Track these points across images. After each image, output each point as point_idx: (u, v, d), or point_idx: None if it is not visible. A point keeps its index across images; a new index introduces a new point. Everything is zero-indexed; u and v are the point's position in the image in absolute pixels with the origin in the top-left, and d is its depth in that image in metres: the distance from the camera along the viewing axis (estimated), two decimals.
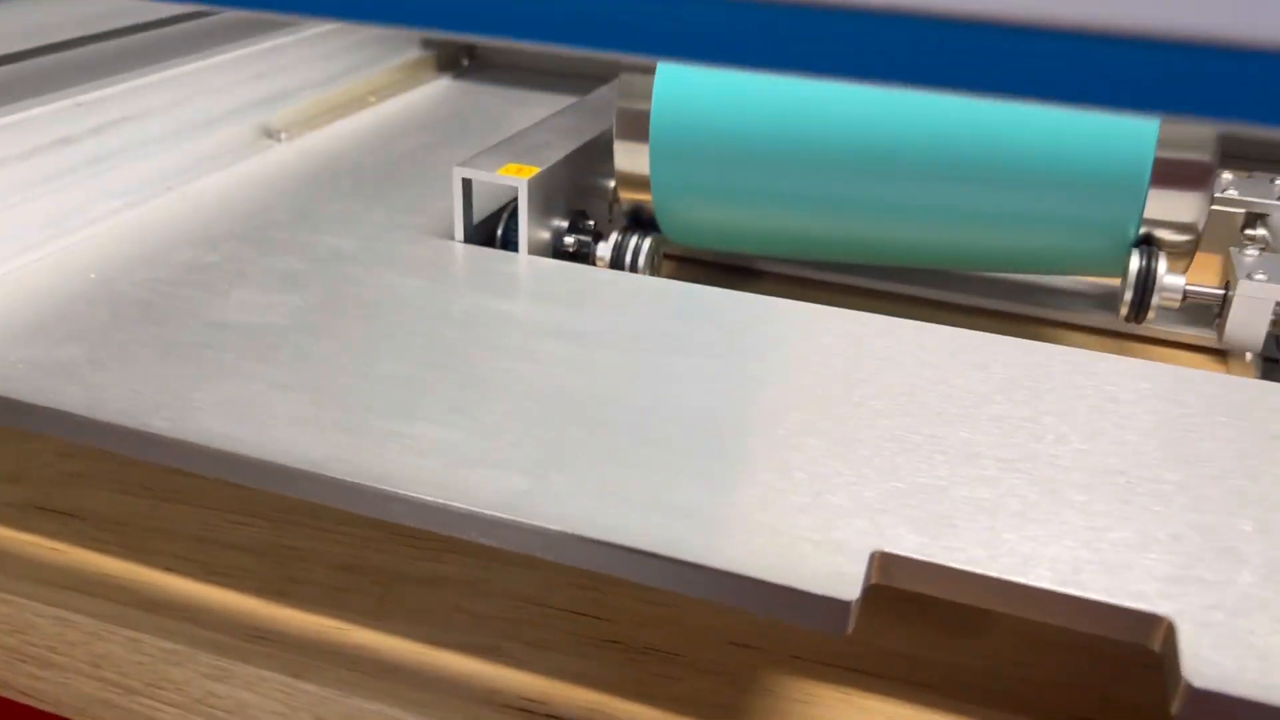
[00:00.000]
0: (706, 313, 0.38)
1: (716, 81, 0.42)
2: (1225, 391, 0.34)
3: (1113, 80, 0.19)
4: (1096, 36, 0.19)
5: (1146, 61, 0.19)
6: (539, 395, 0.33)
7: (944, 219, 0.41)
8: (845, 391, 0.34)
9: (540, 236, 0.44)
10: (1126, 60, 0.19)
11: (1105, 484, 0.29)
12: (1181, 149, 0.37)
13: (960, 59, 0.19)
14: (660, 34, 0.21)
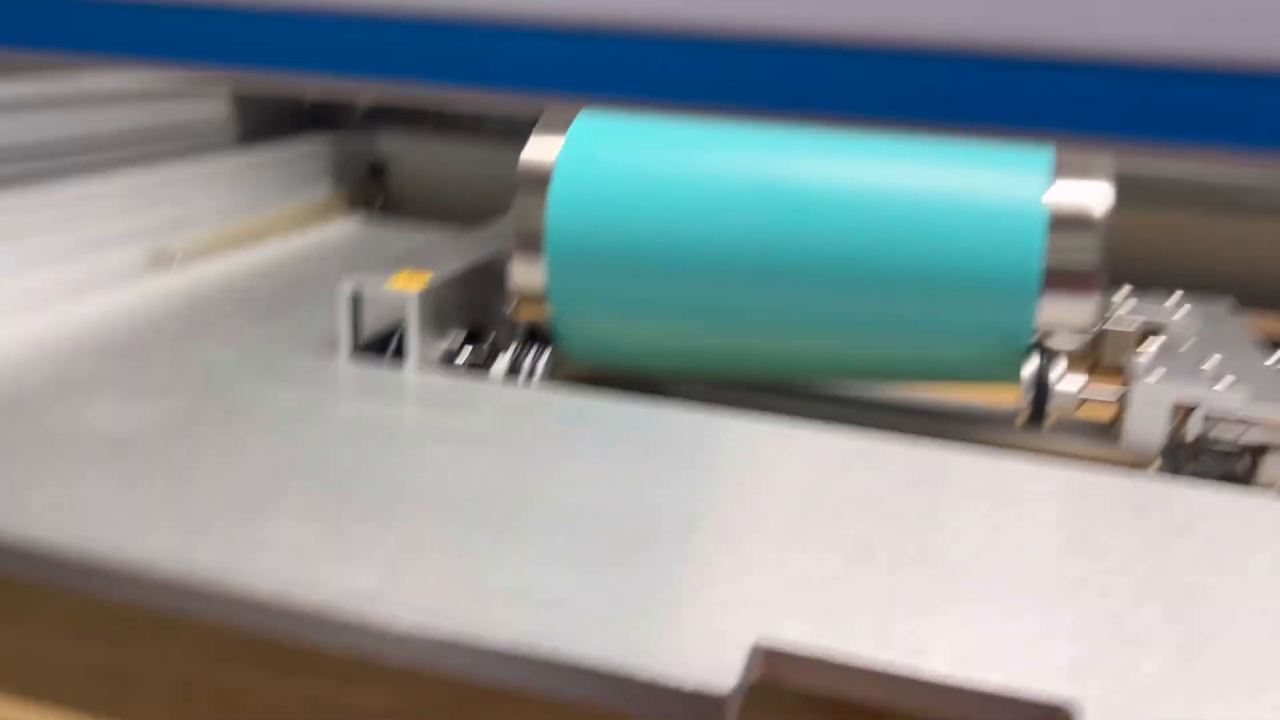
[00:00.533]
0: (594, 419, 0.37)
1: (610, 199, 0.41)
2: (1128, 490, 0.33)
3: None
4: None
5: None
6: (403, 495, 0.30)
7: (838, 331, 0.40)
8: (736, 490, 0.32)
9: (432, 352, 0.42)
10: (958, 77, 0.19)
11: (1004, 577, 0.27)
12: (1068, 255, 0.37)
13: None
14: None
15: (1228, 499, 0.33)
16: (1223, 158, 0.19)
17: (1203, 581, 0.28)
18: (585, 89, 0.20)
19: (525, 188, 0.42)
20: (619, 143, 0.43)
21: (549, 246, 0.42)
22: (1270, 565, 0.29)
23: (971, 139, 0.19)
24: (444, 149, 0.73)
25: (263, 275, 0.54)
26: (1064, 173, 0.38)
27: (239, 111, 0.66)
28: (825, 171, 0.40)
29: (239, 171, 0.61)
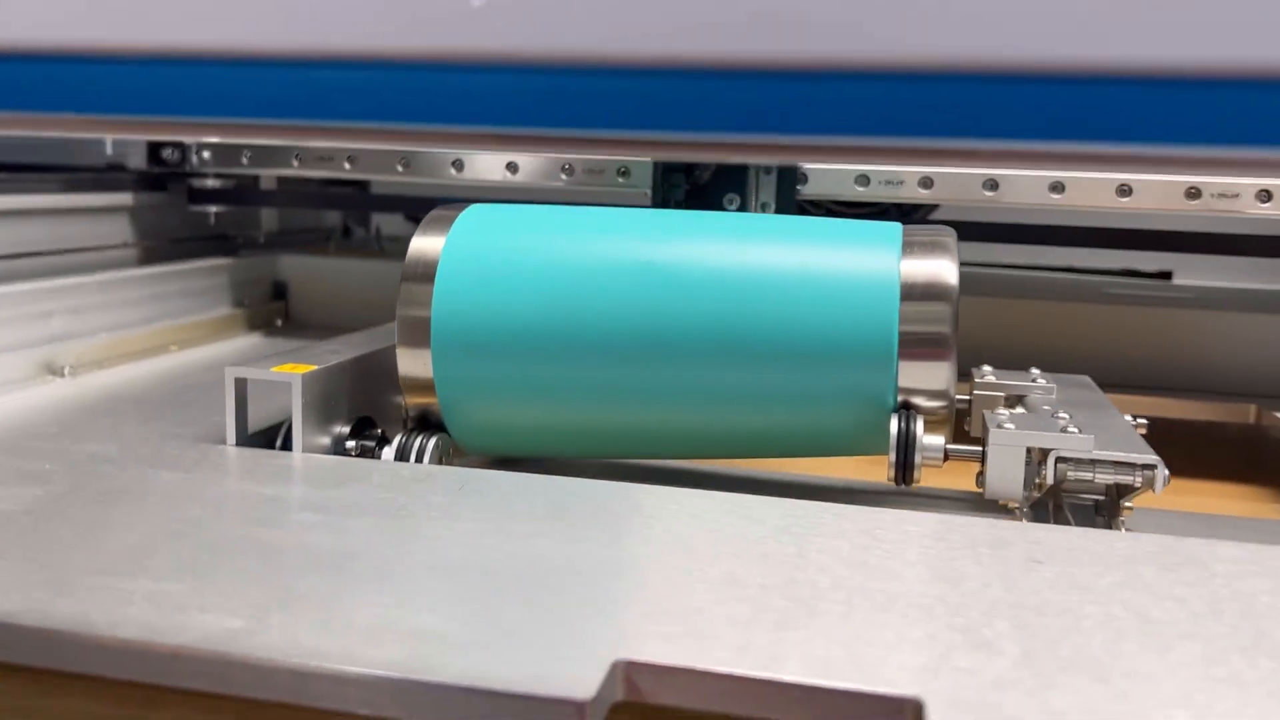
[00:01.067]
0: (478, 488, 0.37)
1: (493, 286, 0.43)
2: (990, 530, 0.34)
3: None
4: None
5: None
6: (276, 553, 0.30)
7: (718, 405, 0.42)
8: (613, 539, 0.32)
9: (319, 441, 0.43)
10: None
11: (864, 600, 0.28)
12: (922, 323, 0.40)
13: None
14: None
15: (1084, 536, 0.34)
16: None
17: (1051, 600, 0.29)
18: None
19: (411, 277, 0.44)
20: (502, 232, 0.45)
21: (434, 333, 0.43)
22: (1117, 583, 0.30)
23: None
24: (344, 269, 0.74)
25: (157, 383, 0.54)
26: (914, 249, 0.41)
27: (141, 230, 0.67)
28: (695, 253, 0.42)
29: (138, 287, 0.61)
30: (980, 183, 0.55)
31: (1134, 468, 0.37)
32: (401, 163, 0.61)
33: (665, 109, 0.21)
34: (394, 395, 0.47)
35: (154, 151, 0.65)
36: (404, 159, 0.61)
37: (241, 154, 0.65)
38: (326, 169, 0.63)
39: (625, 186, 0.58)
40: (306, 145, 0.53)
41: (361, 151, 0.63)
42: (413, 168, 0.61)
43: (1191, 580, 0.30)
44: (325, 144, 0.57)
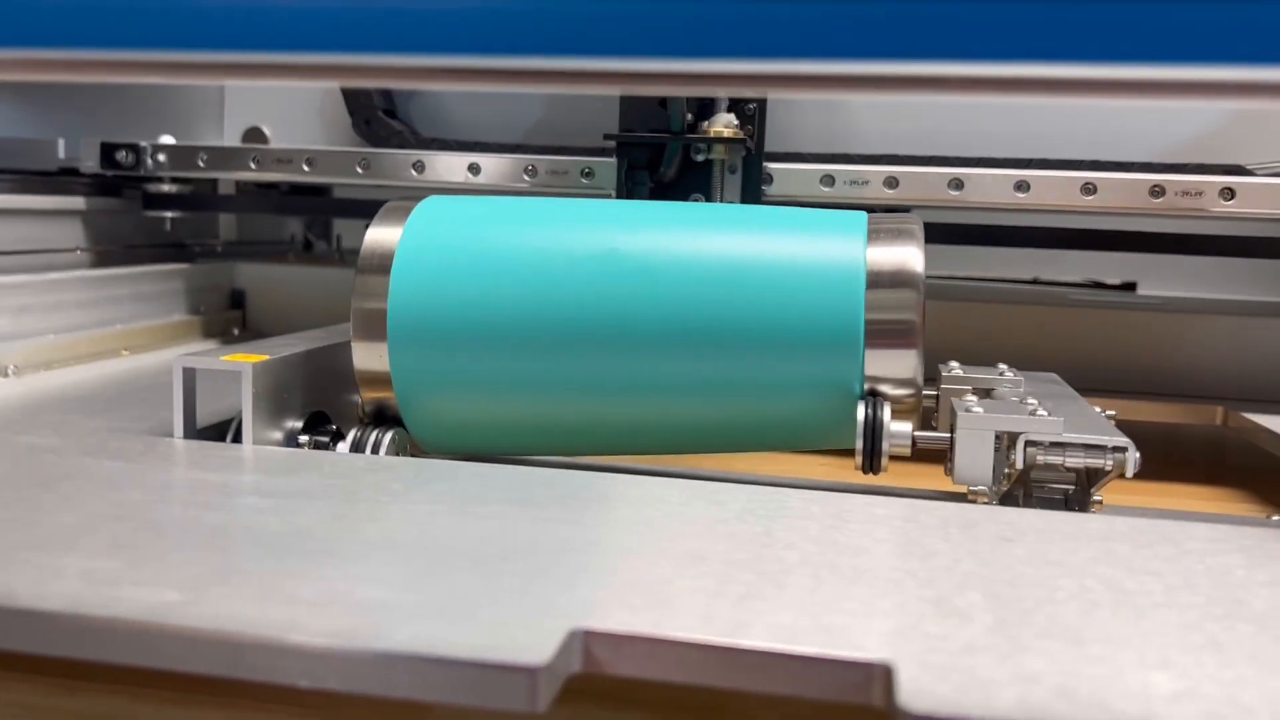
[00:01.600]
0: (434, 477, 0.36)
1: (450, 277, 0.42)
2: (959, 513, 0.34)
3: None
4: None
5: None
6: (219, 534, 0.29)
7: (681, 397, 0.41)
8: (573, 520, 0.31)
9: (271, 435, 0.41)
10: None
11: (832, 574, 0.27)
12: (888, 310, 0.39)
13: None
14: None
15: (1055, 517, 0.33)
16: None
17: (1024, 574, 0.28)
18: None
19: (367, 268, 0.43)
20: (461, 221, 0.44)
21: (390, 325, 0.42)
22: (1091, 559, 0.29)
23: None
24: (303, 277, 0.73)
25: (106, 384, 0.53)
26: (880, 236, 0.40)
27: (93, 235, 0.65)
28: (659, 241, 0.41)
29: (88, 289, 0.60)
30: (945, 181, 0.55)
31: (1105, 450, 0.36)
32: (361, 164, 0.60)
33: (642, 30, 0.21)
34: (350, 392, 0.46)
35: (108, 154, 0.64)
36: (364, 160, 0.60)
37: (198, 156, 0.63)
38: (285, 171, 0.62)
39: (589, 187, 0.57)
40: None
41: (320, 153, 0.61)
42: (373, 169, 0.60)
43: (1166, 556, 0.30)
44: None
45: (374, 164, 0.61)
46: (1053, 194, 0.54)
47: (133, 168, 0.64)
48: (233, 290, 0.73)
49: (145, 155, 0.64)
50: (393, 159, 0.61)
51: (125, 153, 0.64)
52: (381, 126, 0.61)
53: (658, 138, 0.53)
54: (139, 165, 0.64)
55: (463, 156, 0.59)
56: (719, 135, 0.52)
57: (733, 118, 0.53)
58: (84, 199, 0.65)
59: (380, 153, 0.61)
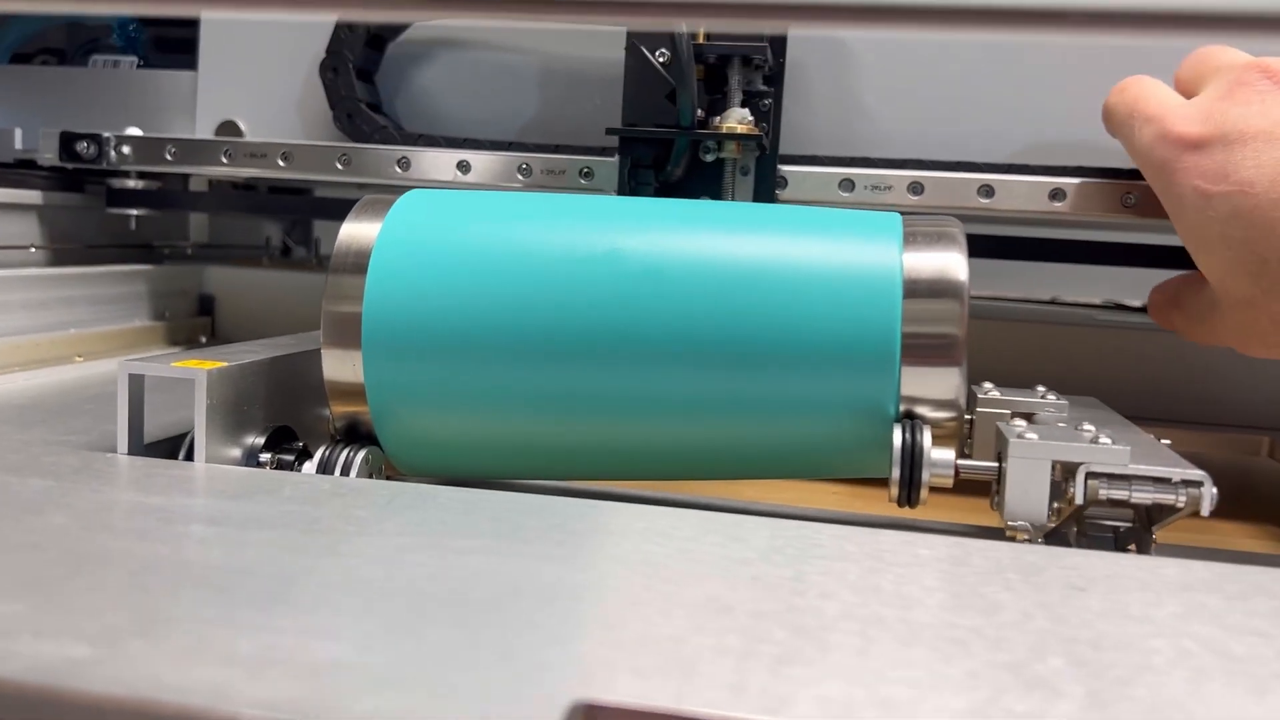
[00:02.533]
0: (410, 503, 0.32)
1: (435, 279, 0.38)
2: (1014, 555, 0.29)
3: None
4: None
5: None
6: (149, 569, 0.25)
7: (688, 418, 0.36)
8: (567, 557, 0.27)
9: (228, 452, 0.37)
10: None
11: (882, 631, 0.23)
12: (927, 323, 0.35)
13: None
14: None
15: (1122, 561, 0.29)
16: None
17: (1107, 633, 0.24)
18: None
19: (341, 267, 0.38)
20: (446, 218, 0.39)
21: (365, 331, 0.37)
22: (1178, 614, 0.25)
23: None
24: (278, 282, 0.69)
25: (51, 392, 0.48)
26: (918, 240, 0.36)
27: (51, 233, 0.61)
28: (668, 243, 0.37)
29: (38, 288, 0.55)
30: (975, 188, 0.51)
31: (1175, 485, 0.32)
32: (341, 160, 0.56)
33: None
34: (320, 406, 0.41)
35: (67, 145, 0.59)
36: (344, 156, 0.56)
37: (165, 149, 0.59)
38: (259, 166, 0.57)
39: (588, 188, 0.53)
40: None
41: (297, 148, 0.57)
42: (354, 165, 0.56)
43: (1267, 612, 0.25)
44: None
45: (355, 160, 0.56)
46: (1090, 203, 0.50)
47: (94, 160, 0.60)
48: (201, 295, 0.68)
49: (108, 147, 0.60)
50: (376, 155, 0.56)
51: (87, 144, 0.60)
52: (365, 121, 0.57)
53: (665, 133, 0.48)
54: (101, 158, 0.60)
55: (451, 153, 0.55)
56: (732, 131, 0.48)
57: (747, 113, 0.49)
58: (41, 193, 0.60)
59: (362, 148, 0.56)
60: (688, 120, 0.48)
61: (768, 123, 0.50)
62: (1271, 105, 0.40)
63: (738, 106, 0.48)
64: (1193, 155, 0.41)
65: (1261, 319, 0.41)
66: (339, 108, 0.57)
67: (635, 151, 0.49)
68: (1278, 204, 0.38)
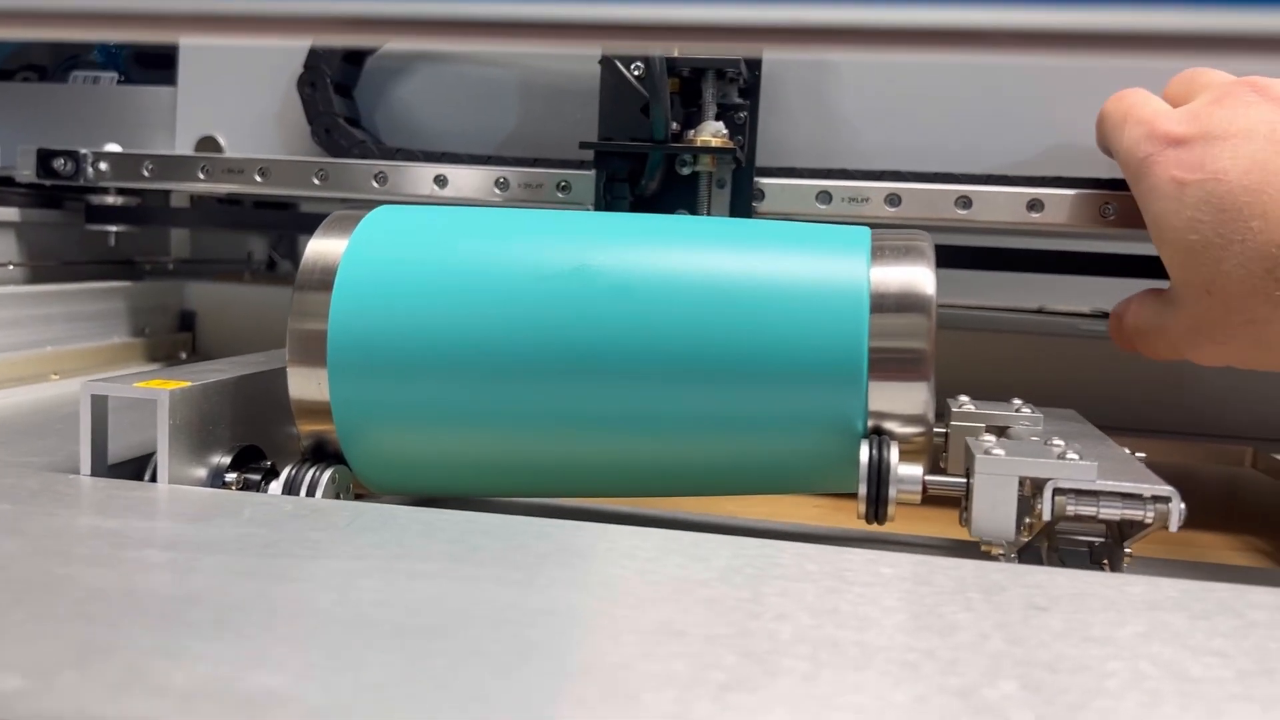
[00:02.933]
0: (371, 524, 0.31)
1: (401, 295, 0.37)
2: (978, 573, 0.29)
3: None
4: None
5: None
6: (94, 597, 0.24)
7: (655, 432, 0.36)
8: (521, 581, 0.26)
9: (193, 472, 0.37)
10: None
11: (834, 655, 0.23)
12: (895, 337, 0.34)
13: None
14: None
15: (1089, 579, 0.29)
16: None
17: (1064, 654, 0.23)
18: None
19: (306, 284, 0.38)
20: (414, 234, 0.39)
21: (331, 348, 0.37)
22: (1141, 634, 0.25)
23: None
24: (260, 298, 0.68)
25: (23, 411, 0.48)
26: (885, 254, 0.36)
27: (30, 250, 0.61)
28: (635, 258, 0.37)
29: (12, 306, 0.55)
30: (953, 199, 0.50)
31: (1144, 500, 0.32)
32: (318, 175, 0.56)
33: None
34: (290, 424, 0.41)
35: (44, 162, 0.59)
36: (321, 171, 0.56)
37: (143, 165, 0.58)
38: (237, 182, 0.57)
39: (566, 201, 0.52)
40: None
41: (274, 163, 0.57)
42: (331, 180, 0.55)
43: (1230, 631, 0.25)
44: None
45: (332, 175, 0.56)
46: (1069, 214, 0.50)
47: (72, 176, 0.59)
48: (182, 311, 0.68)
49: (86, 164, 0.59)
50: (353, 170, 0.56)
51: (64, 161, 0.59)
52: (343, 135, 0.57)
53: (638, 147, 0.48)
54: (79, 174, 0.59)
55: (429, 168, 0.55)
56: (706, 145, 0.48)
57: (721, 126, 0.48)
58: (19, 210, 0.60)
59: (339, 163, 0.56)
60: (661, 134, 0.48)
61: (743, 135, 0.50)
62: (1255, 111, 0.41)
63: (712, 120, 0.48)
64: (1174, 150, 0.42)
65: (1216, 308, 0.41)
66: (317, 123, 0.57)
67: (610, 165, 0.49)
68: (1248, 189, 0.39)
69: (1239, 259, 0.39)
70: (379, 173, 0.56)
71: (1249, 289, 0.39)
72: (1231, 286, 0.40)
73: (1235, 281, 0.39)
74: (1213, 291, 0.40)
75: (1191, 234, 0.41)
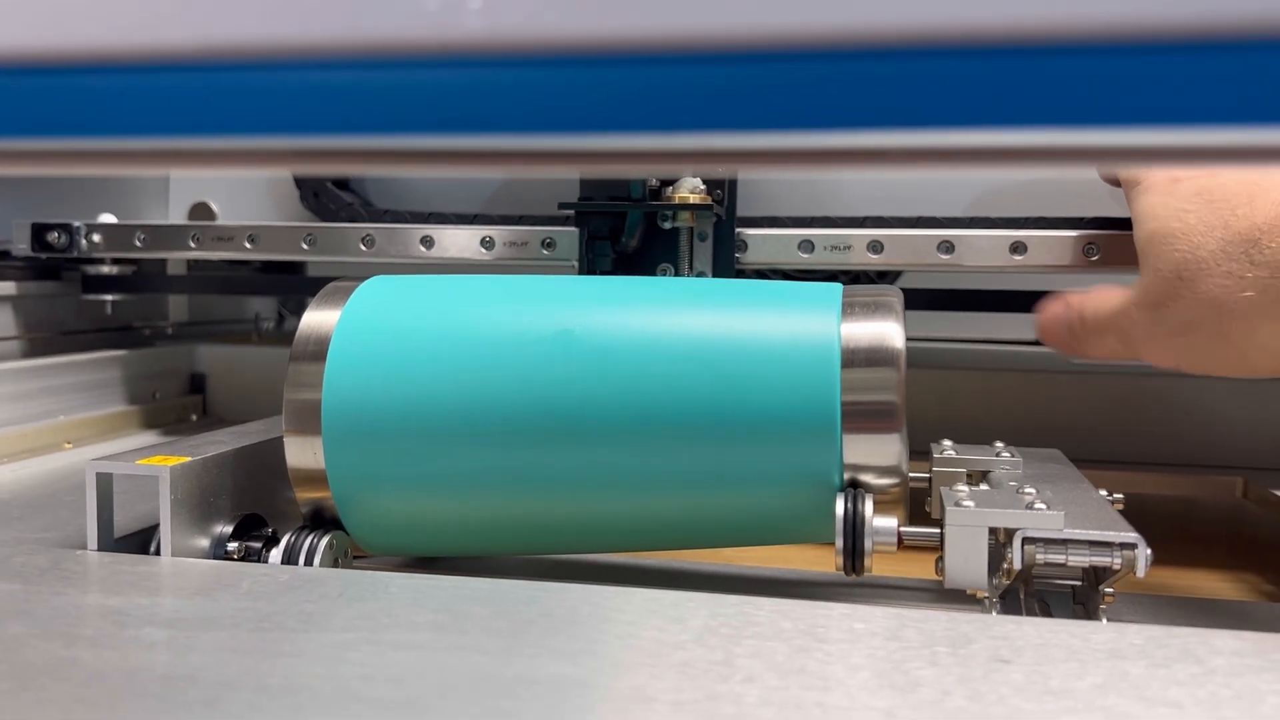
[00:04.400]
0: (366, 593, 0.32)
1: (391, 364, 0.39)
2: (950, 625, 0.30)
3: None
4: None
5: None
6: (92, 680, 0.26)
7: (643, 489, 0.37)
8: (503, 649, 0.28)
9: (196, 543, 0.38)
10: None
11: (797, 717, 0.24)
12: (866, 391, 0.36)
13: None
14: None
15: (1058, 629, 0.30)
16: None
17: (1020, 709, 0.24)
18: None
19: (301, 355, 0.39)
20: (404, 303, 0.40)
21: (325, 418, 0.38)
22: (1098, 685, 0.26)
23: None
24: (269, 359, 0.70)
25: (36, 484, 0.49)
26: (855, 310, 0.37)
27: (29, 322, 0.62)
28: (615, 321, 0.38)
29: (22, 380, 0.56)
30: (935, 244, 0.51)
31: (1111, 547, 0.32)
32: (306, 240, 0.57)
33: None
34: (289, 490, 0.42)
35: (39, 235, 0.61)
36: (309, 235, 0.57)
37: (135, 235, 0.60)
38: (227, 249, 0.58)
39: (551, 259, 0.54)
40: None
41: (263, 229, 0.58)
42: (319, 245, 0.57)
43: (1187, 679, 0.26)
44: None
45: (320, 239, 0.57)
46: (1052, 255, 0.51)
47: (66, 249, 0.61)
48: (192, 374, 0.70)
49: (79, 235, 0.61)
50: (341, 234, 0.57)
51: (58, 234, 0.61)
52: (331, 199, 0.58)
53: (614, 206, 0.50)
54: (73, 246, 0.61)
55: (415, 229, 0.56)
56: (684, 201, 0.49)
57: (699, 182, 0.50)
58: (16, 284, 0.62)
59: (326, 227, 0.57)
60: (638, 193, 0.49)
61: (722, 189, 0.51)
62: None
63: (689, 176, 0.50)
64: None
65: (1184, 294, 0.40)
66: (305, 186, 0.59)
67: (592, 223, 0.50)
68: (1239, 182, 0.39)
69: (1220, 243, 0.39)
70: (365, 235, 0.57)
71: (1223, 272, 0.39)
72: (1206, 269, 0.39)
73: (1210, 266, 0.39)
74: (1184, 277, 0.40)
75: (1175, 221, 0.40)
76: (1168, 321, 0.41)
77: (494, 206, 0.60)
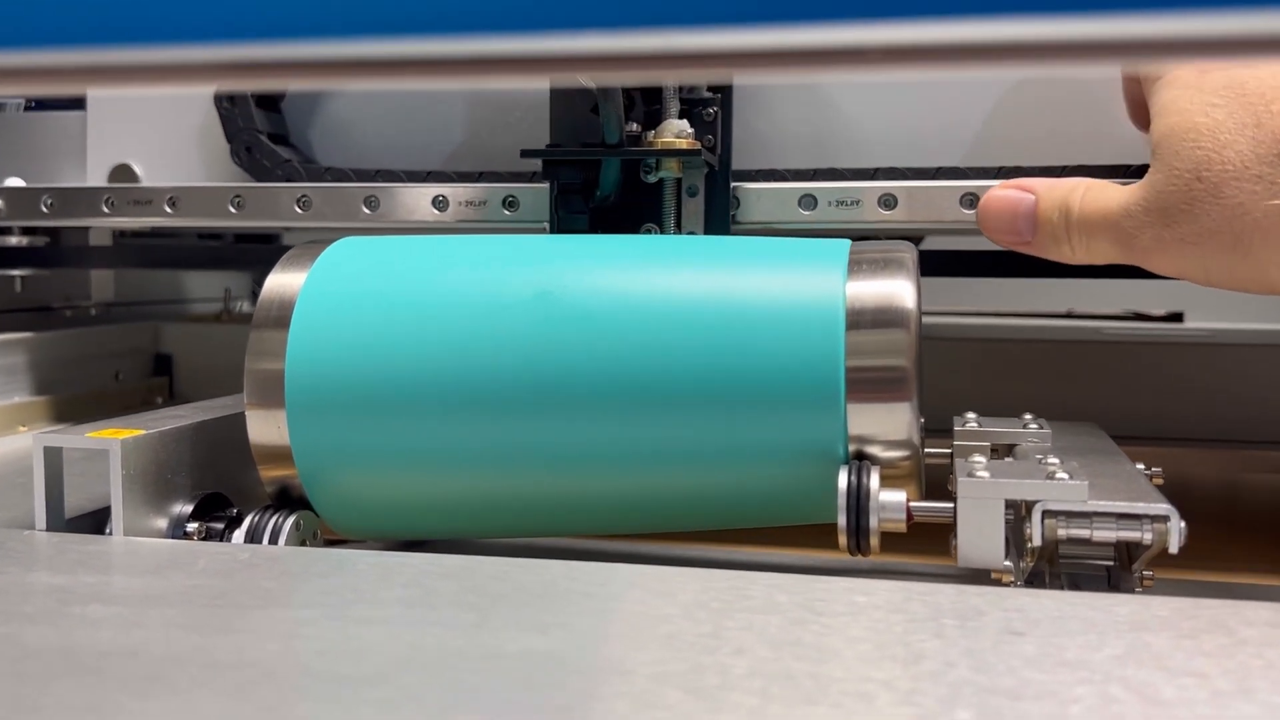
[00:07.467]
0: (321, 573, 0.32)
1: (360, 332, 0.38)
2: (956, 599, 0.30)
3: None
4: None
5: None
6: (29, 656, 0.26)
7: (626, 465, 0.37)
8: (473, 624, 0.28)
9: (152, 523, 0.38)
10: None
11: (785, 689, 0.24)
12: (874, 355, 0.35)
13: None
14: None
15: (1077, 601, 0.30)
16: None
17: (1031, 681, 0.24)
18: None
19: (263, 322, 0.39)
20: (374, 266, 0.40)
21: (289, 389, 0.38)
22: (1117, 656, 0.25)
23: None
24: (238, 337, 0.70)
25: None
26: (863, 268, 0.37)
27: None
28: (602, 282, 0.38)
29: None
30: (958, 197, 0.50)
31: (1140, 520, 0.32)
32: (234, 202, 0.54)
33: None
34: (255, 468, 0.43)
35: None
36: (237, 197, 0.54)
37: (41, 200, 0.56)
38: (145, 214, 0.55)
39: (514, 220, 0.51)
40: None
41: (184, 191, 0.55)
42: (249, 208, 0.53)
43: (1214, 650, 0.26)
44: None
45: (250, 201, 0.54)
46: None
47: None
48: (157, 354, 0.70)
49: None
50: (272, 195, 0.54)
51: None
52: (265, 155, 0.55)
53: (589, 153, 0.47)
54: None
55: (359, 188, 0.53)
56: (669, 147, 0.47)
57: (686, 125, 0.47)
58: None
59: (256, 187, 0.55)
60: (614, 137, 0.46)
61: (714, 135, 0.49)
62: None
63: (675, 118, 0.47)
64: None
65: (1201, 195, 0.39)
66: (236, 140, 0.55)
67: (562, 176, 0.48)
68: (1276, 75, 0.38)
69: (1251, 143, 0.38)
70: (302, 196, 0.54)
71: (1252, 175, 0.38)
72: (1231, 171, 0.38)
73: (1237, 168, 0.38)
74: (1204, 179, 0.39)
75: (1201, 116, 0.39)
76: (1179, 227, 0.39)
77: (455, 163, 0.57)
